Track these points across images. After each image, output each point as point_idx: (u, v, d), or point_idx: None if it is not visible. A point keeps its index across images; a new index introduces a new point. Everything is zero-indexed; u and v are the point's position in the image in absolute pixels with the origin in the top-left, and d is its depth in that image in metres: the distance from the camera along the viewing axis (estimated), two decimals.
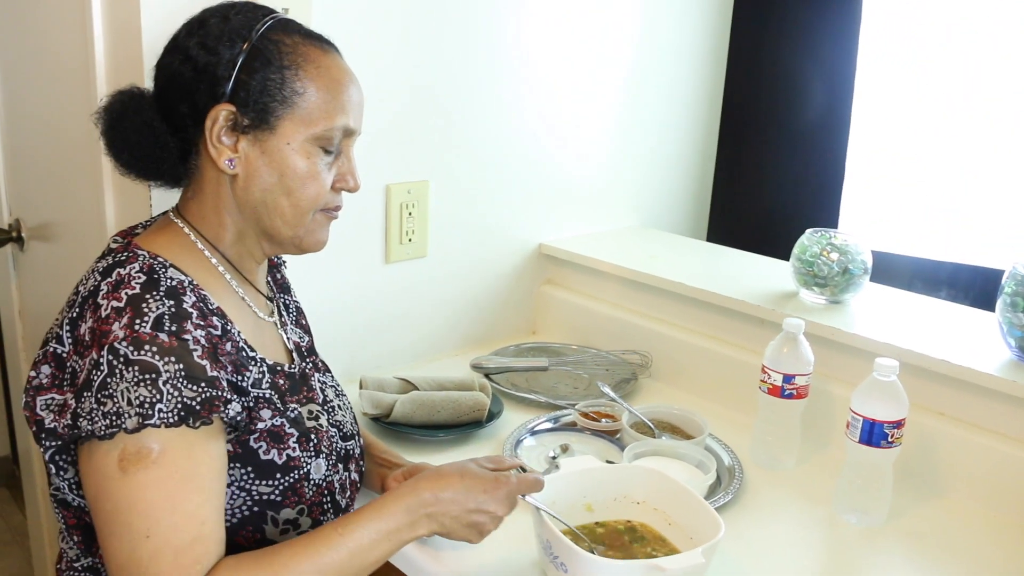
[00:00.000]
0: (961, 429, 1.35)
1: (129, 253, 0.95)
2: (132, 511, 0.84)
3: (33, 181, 1.79)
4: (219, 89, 0.95)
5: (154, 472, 0.85)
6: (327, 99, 0.98)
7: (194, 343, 0.89)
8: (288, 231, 1.02)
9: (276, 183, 0.98)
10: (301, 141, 0.98)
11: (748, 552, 1.19)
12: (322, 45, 1.01)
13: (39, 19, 1.58)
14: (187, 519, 0.86)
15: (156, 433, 0.85)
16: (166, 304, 0.89)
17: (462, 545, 1.14)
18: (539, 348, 1.81)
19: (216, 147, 0.96)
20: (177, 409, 0.85)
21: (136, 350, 0.85)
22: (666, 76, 2.10)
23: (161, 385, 0.85)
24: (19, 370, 2.01)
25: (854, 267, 1.56)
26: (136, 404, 0.84)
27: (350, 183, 1.04)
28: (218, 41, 0.95)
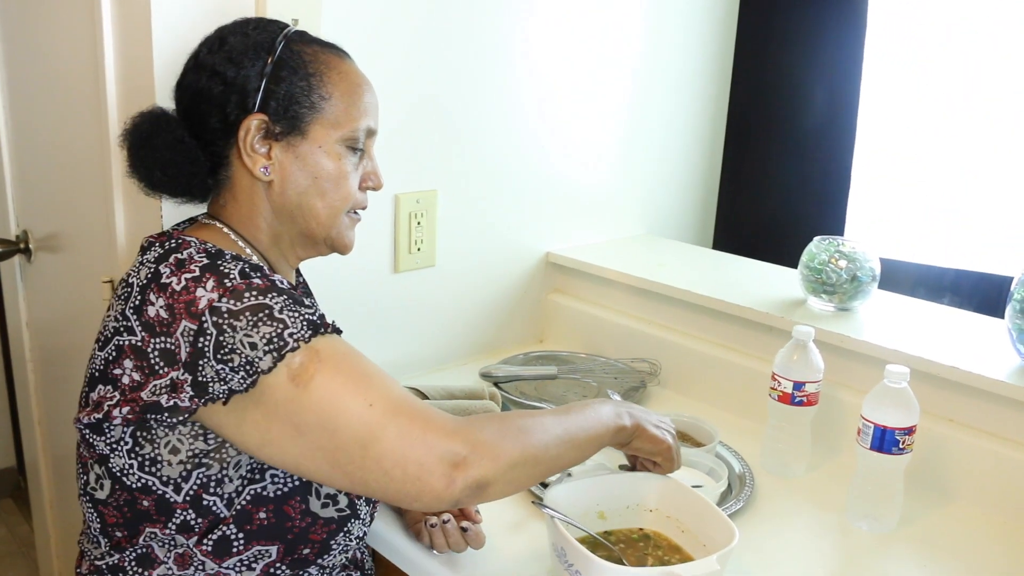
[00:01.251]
0: (971, 436, 1.35)
1: (179, 240, 0.98)
2: (339, 401, 0.88)
3: (41, 192, 1.80)
4: (249, 100, 1.00)
5: (327, 366, 0.89)
6: (350, 102, 1.05)
7: (280, 282, 0.93)
8: (323, 231, 1.07)
9: (311, 185, 1.04)
10: (331, 144, 1.04)
11: (760, 559, 1.19)
12: (338, 53, 1.08)
13: (48, 31, 1.58)
14: (384, 377, 0.92)
15: (301, 352, 0.88)
16: (239, 263, 0.93)
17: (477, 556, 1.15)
18: (547, 356, 1.81)
19: (251, 156, 1.01)
20: (304, 326, 0.89)
21: (237, 301, 0.89)
22: (672, 84, 2.11)
23: (279, 315, 0.89)
24: (26, 381, 2.01)
25: (862, 274, 1.56)
26: (263, 343, 0.87)
27: (375, 181, 1.11)
28: (243, 55, 1.01)
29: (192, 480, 0.95)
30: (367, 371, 0.92)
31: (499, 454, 0.92)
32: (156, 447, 0.93)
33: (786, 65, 2.14)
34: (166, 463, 0.94)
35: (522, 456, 0.94)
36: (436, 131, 1.66)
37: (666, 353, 1.73)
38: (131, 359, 0.92)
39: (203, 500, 0.96)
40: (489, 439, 0.92)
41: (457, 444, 0.89)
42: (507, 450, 0.93)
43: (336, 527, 1.04)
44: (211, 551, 0.97)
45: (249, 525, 0.98)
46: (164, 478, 0.94)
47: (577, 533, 1.09)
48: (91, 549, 1.02)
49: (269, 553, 1.00)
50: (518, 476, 0.95)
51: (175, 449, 0.93)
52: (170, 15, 1.26)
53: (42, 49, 1.63)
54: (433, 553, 1.15)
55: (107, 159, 1.41)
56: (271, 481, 0.99)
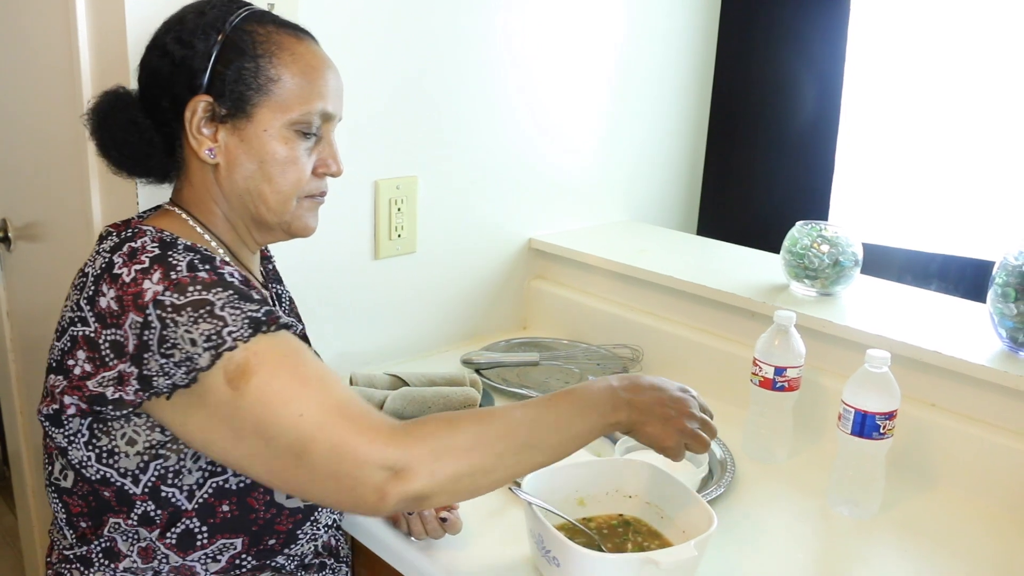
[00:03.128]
0: (953, 420, 1.35)
1: (135, 230, 0.96)
2: (271, 409, 0.85)
3: (19, 181, 1.78)
4: (196, 81, 0.98)
5: (263, 370, 0.85)
6: (302, 84, 1.00)
7: (230, 276, 0.91)
8: (274, 217, 1.04)
9: (256, 170, 1.00)
10: (278, 127, 0.99)
11: (741, 545, 1.19)
12: (296, 33, 1.03)
13: (23, 18, 1.56)
14: (321, 383, 0.87)
15: (238, 352, 0.85)
16: (190, 255, 0.91)
17: (456, 542, 1.15)
18: (530, 343, 1.81)
19: (196, 138, 0.99)
20: (246, 324, 0.86)
21: (180, 295, 0.86)
22: (655, 70, 2.10)
23: (219, 312, 0.86)
24: (7, 370, 1.99)
25: (845, 259, 1.56)
26: (203, 340, 0.85)
27: (332, 168, 1.06)
28: (193, 35, 0.98)
29: (150, 472, 0.94)
30: (306, 375, 0.87)
31: (437, 468, 0.86)
32: (113, 439, 0.92)
33: (770, 51, 2.13)
34: (123, 455, 0.93)
35: (469, 468, 0.88)
36: (417, 116, 1.64)
37: (648, 339, 1.73)
38: (84, 350, 0.90)
39: (161, 491, 0.95)
40: (429, 450, 0.86)
41: (393, 454, 0.84)
42: (448, 463, 0.86)
43: (303, 516, 1.03)
44: (175, 544, 0.96)
45: (212, 518, 0.97)
46: (121, 470, 0.93)
47: (556, 520, 1.09)
48: (59, 539, 1.02)
49: (234, 545, 0.99)
50: (464, 487, 0.89)
51: (132, 440, 0.92)
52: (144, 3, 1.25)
53: (16, 37, 1.61)
54: (411, 540, 1.14)
55: (83, 146, 1.39)
56: (233, 473, 0.97)
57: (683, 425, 1.01)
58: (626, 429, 1.00)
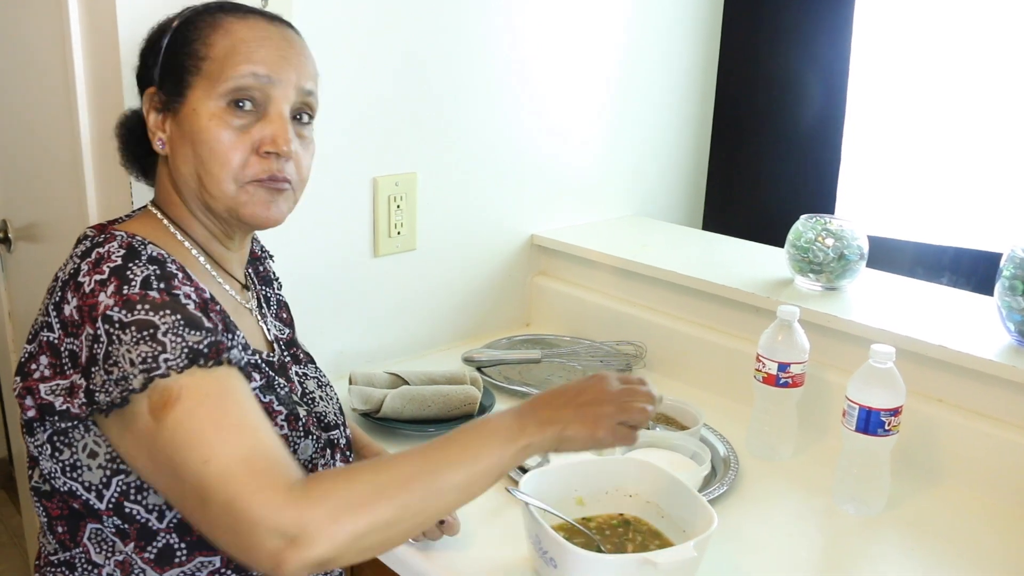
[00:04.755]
0: (960, 416, 1.33)
1: (106, 235, 0.94)
2: (181, 448, 0.81)
3: (19, 182, 1.77)
4: (150, 75, 0.99)
5: (184, 405, 0.82)
6: (231, 54, 0.95)
7: (185, 298, 0.87)
8: (218, 204, 0.97)
9: (192, 154, 0.96)
10: (210, 105, 0.94)
11: (744, 544, 1.17)
12: (240, 14, 0.98)
13: (17, 20, 1.56)
14: (236, 430, 0.83)
15: (170, 380, 0.82)
16: (150, 268, 0.88)
17: (454, 543, 1.13)
18: (532, 340, 1.79)
19: (151, 131, 0.99)
20: (184, 354, 0.83)
21: (128, 312, 0.84)
22: (659, 63, 2.08)
23: (161, 337, 0.83)
24: (9, 370, 2.00)
25: (850, 253, 1.53)
26: (139, 362, 0.82)
27: (278, 144, 0.95)
28: (160, 32, 1.00)
29: (113, 487, 0.91)
30: (222, 420, 0.83)
31: (336, 530, 0.79)
32: (75, 451, 0.90)
33: (775, 43, 2.11)
34: (86, 468, 0.91)
35: (370, 524, 0.81)
36: (416, 112, 1.63)
37: (652, 335, 1.71)
38: (47, 355, 0.89)
39: (125, 507, 0.92)
40: (326, 512, 0.79)
41: (285, 521, 0.78)
42: (347, 523, 0.80)
43: None
44: (153, 560, 0.94)
45: (190, 536, 0.94)
46: (86, 483, 0.91)
47: (554, 520, 1.07)
48: (44, 543, 1.00)
49: (213, 563, 0.96)
50: (371, 544, 0.83)
51: (92, 453, 0.90)
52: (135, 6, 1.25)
53: (14, 40, 1.60)
54: (408, 542, 1.13)
55: (77, 148, 1.39)
56: None
57: (598, 410, 0.94)
58: (548, 446, 0.93)
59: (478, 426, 0.91)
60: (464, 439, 0.89)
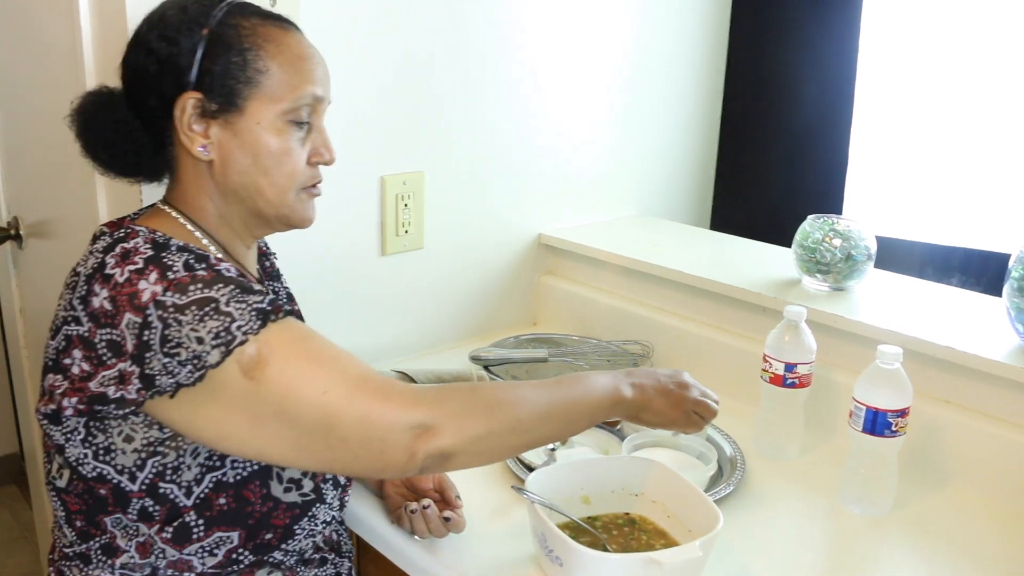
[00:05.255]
0: (967, 417, 1.33)
1: (128, 230, 0.96)
2: (293, 391, 0.87)
3: (29, 179, 1.78)
4: (184, 78, 0.97)
5: (277, 357, 0.87)
6: (291, 73, 0.99)
7: (227, 271, 0.91)
8: (272, 210, 1.03)
9: (252, 164, 1.00)
10: (271, 119, 0.99)
11: (750, 544, 1.17)
12: (281, 24, 1.02)
13: (29, 18, 1.57)
14: (337, 359, 0.90)
15: (250, 345, 0.86)
16: (184, 254, 0.91)
17: (460, 540, 1.14)
18: (539, 339, 1.79)
19: (188, 135, 0.98)
20: (253, 316, 0.87)
21: (182, 294, 0.87)
22: (666, 63, 2.07)
23: (225, 308, 0.87)
24: (21, 367, 2.01)
25: (857, 253, 1.53)
26: (211, 338, 0.85)
27: (325, 156, 1.05)
28: (177, 31, 0.97)
29: (147, 469, 0.93)
30: (321, 355, 0.90)
31: (463, 426, 0.90)
32: (109, 436, 0.92)
33: (783, 43, 2.10)
34: (120, 452, 0.93)
35: (489, 428, 0.92)
36: (423, 111, 1.63)
37: (659, 335, 1.71)
38: (80, 349, 0.90)
39: (159, 488, 0.94)
40: (453, 410, 0.90)
41: (418, 415, 0.88)
42: (472, 422, 0.91)
43: (300, 512, 1.03)
44: (171, 538, 0.96)
45: (209, 511, 0.97)
46: (118, 467, 0.93)
47: (559, 519, 1.08)
48: (59, 536, 1.02)
49: (231, 539, 0.99)
50: (486, 447, 0.93)
51: (129, 438, 0.92)
52: None
53: (25, 35, 1.61)
54: (414, 539, 1.13)
55: None
56: (231, 467, 0.97)
57: (684, 395, 1.08)
58: (632, 410, 1.05)
59: (580, 375, 1.04)
60: (572, 381, 1.02)
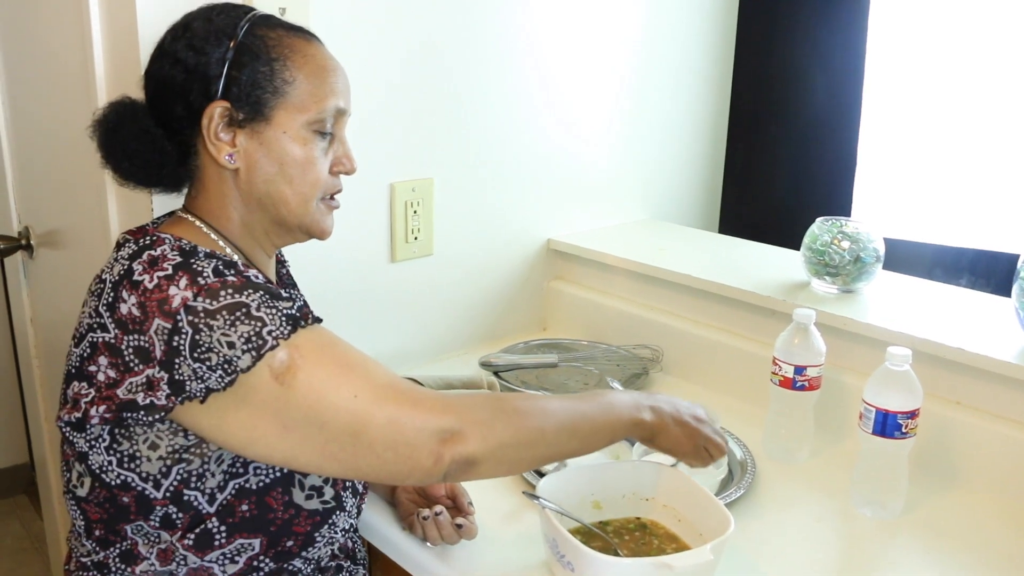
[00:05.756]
0: (978, 418, 1.32)
1: (153, 237, 0.97)
2: (324, 396, 0.89)
3: (40, 189, 1.79)
4: (212, 88, 0.98)
5: (307, 362, 0.89)
6: (316, 84, 1.02)
7: (255, 278, 0.93)
8: (295, 219, 1.05)
9: (277, 172, 1.01)
10: (297, 128, 1.01)
11: (761, 548, 1.17)
12: (305, 36, 1.04)
13: (40, 29, 1.58)
14: (366, 365, 0.92)
15: (281, 350, 0.88)
16: (213, 261, 0.92)
17: (471, 547, 1.14)
18: (549, 344, 1.79)
19: (215, 144, 0.99)
20: (283, 322, 0.89)
21: (213, 300, 0.88)
22: (673, 66, 2.08)
23: (256, 313, 0.88)
24: (32, 377, 2.01)
25: (866, 255, 1.53)
26: (242, 343, 0.87)
27: (347, 165, 1.08)
28: (205, 42, 0.99)
29: (172, 476, 0.94)
30: (350, 361, 0.91)
31: (489, 433, 0.92)
32: (134, 443, 0.93)
33: (789, 45, 2.10)
34: (145, 459, 0.93)
35: (514, 438, 0.94)
36: (432, 119, 1.64)
37: (668, 339, 1.71)
38: (105, 356, 0.91)
39: (184, 495, 0.95)
40: (480, 417, 0.92)
41: (446, 421, 0.90)
42: (498, 430, 0.93)
43: (321, 519, 1.03)
44: (193, 545, 0.97)
45: (231, 518, 0.97)
46: (143, 474, 0.94)
47: (570, 524, 1.08)
48: (77, 546, 1.02)
49: (252, 546, 0.99)
50: (509, 457, 0.95)
51: (154, 445, 0.93)
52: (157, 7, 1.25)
53: (37, 46, 1.62)
54: (427, 545, 1.14)
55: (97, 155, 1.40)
56: (253, 473, 0.98)
57: (699, 430, 1.08)
58: (649, 432, 1.05)
59: (604, 393, 1.06)
60: (595, 399, 1.03)
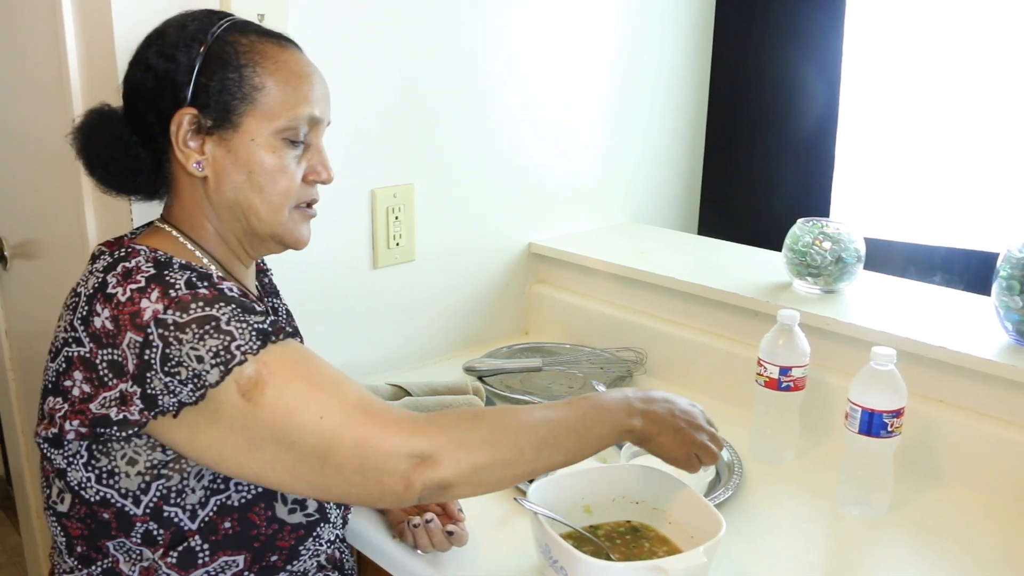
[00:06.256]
0: (961, 416, 1.34)
1: (128, 249, 0.95)
2: (291, 416, 0.86)
3: (13, 198, 1.77)
4: (180, 94, 0.97)
5: (276, 379, 0.86)
6: (287, 91, 0.99)
7: (229, 291, 0.90)
8: (266, 228, 1.02)
9: (245, 180, 0.99)
10: (265, 136, 0.98)
11: (751, 548, 1.17)
12: (280, 42, 1.02)
13: (12, 34, 1.55)
14: (336, 384, 0.88)
15: (249, 365, 0.85)
16: (187, 272, 0.90)
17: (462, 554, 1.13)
18: (532, 348, 1.79)
19: (183, 151, 0.98)
20: (253, 336, 0.86)
21: (183, 312, 0.86)
22: (651, 71, 2.09)
23: (225, 327, 0.86)
24: (7, 390, 1.98)
25: (847, 256, 1.54)
26: (210, 356, 0.84)
27: (322, 175, 1.04)
28: (175, 48, 0.97)
29: (151, 492, 0.92)
30: (320, 379, 0.89)
31: (462, 457, 0.88)
32: (112, 459, 0.91)
33: (767, 47, 2.12)
34: (123, 475, 0.92)
35: (491, 458, 0.90)
36: (411, 124, 1.63)
37: (651, 341, 1.71)
38: (80, 371, 0.89)
39: (163, 512, 0.93)
40: (453, 439, 0.88)
41: (417, 444, 0.86)
42: (472, 453, 0.89)
43: (305, 532, 1.02)
44: (176, 563, 0.95)
45: (214, 535, 0.96)
46: (122, 490, 0.92)
47: (562, 528, 1.07)
48: (59, 563, 1.00)
49: (236, 563, 0.98)
50: (486, 478, 0.91)
51: (132, 461, 0.91)
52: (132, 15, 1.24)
53: (8, 52, 1.60)
54: (417, 553, 1.13)
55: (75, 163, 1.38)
56: (235, 490, 0.96)
57: (693, 437, 1.04)
58: (639, 438, 1.02)
59: (593, 399, 1.00)
60: (582, 408, 0.98)
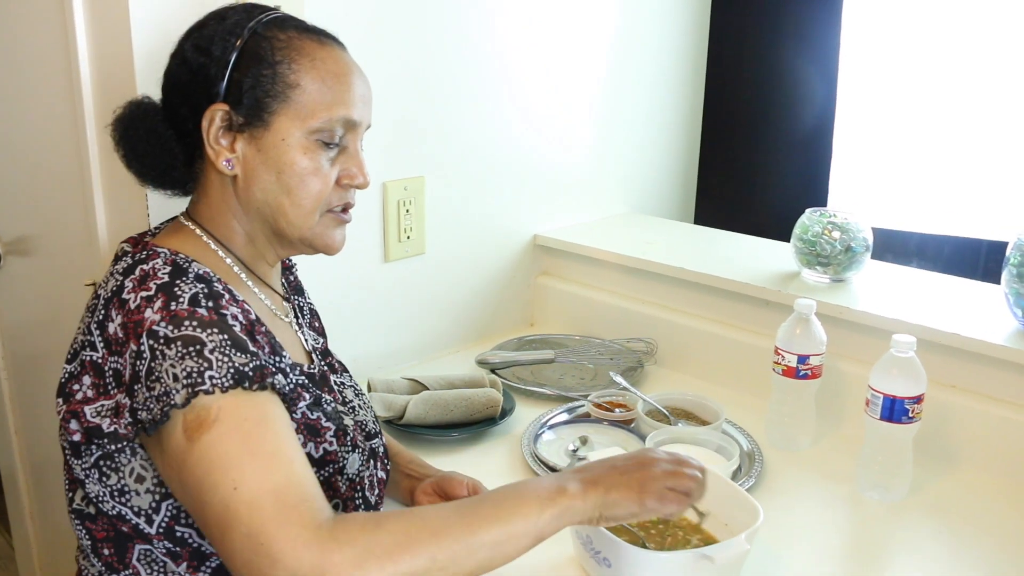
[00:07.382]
0: (974, 401, 1.36)
1: (149, 251, 0.93)
2: (212, 471, 0.79)
3: (8, 194, 1.73)
4: (214, 89, 0.94)
5: (220, 427, 0.80)
6: (323, 91, 0.95)
7: (232, 319, 0.87)
8: (294, 232, 0.98)
9: (275, 181, 0.96)
10: (298, 136, 0.95)
11: (778, 534, 1.18)
12: (320, 38, 0.99)
13: (17, 23, 1.52)
14: (270, 459, 0.80)
15: (211, 399, 0.81)
16: (198, 286, 0.87)
17: None
18: (540, 340, 1.80)
19: (213, 148, 0.95)
20: (230, 374, 0.82)
21: (176, 327, 0.83)
22: (649, 62, 2.09)
23: (208, 354, 0.82)
24: (0, 389, 1.95)
25: (856, 245, 1.56)
26: (183, 376, 0.81)
27: (357, 178, 1.00)
28: (211, 42, 0.94)
29: (163, 512, 0.90)
30: (257, 446, 0.81)
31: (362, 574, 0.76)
32: (121, 476, 0.89)
33: (764, 38, 2.13)
34: (134, 493, 0.89)
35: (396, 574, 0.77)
36: (421, 118, 1.63)
37: (661, 331, 1.72)
38: (90, 375, 0.88)
39: (176, 531, 0.91)
40: (350, 557, 0.76)
41: (307, 562, 0.75)
42: (372, 570, 0.76)
43: None
44: None
45: None
46: (135, 508, 0.90)
47: None
48: (87, 566, 0.97)
49: None
50: None
51: (140, 477, 0.89)
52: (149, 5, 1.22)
53: (11, 44, 1.56)
54: None
55: (85, 156, 1.36)
56: None
57: (649, 473, 0.91)
58: (590, 511, 0.88)
59: (517, 486, 0.88)
60: (500, 497, 0.86)
